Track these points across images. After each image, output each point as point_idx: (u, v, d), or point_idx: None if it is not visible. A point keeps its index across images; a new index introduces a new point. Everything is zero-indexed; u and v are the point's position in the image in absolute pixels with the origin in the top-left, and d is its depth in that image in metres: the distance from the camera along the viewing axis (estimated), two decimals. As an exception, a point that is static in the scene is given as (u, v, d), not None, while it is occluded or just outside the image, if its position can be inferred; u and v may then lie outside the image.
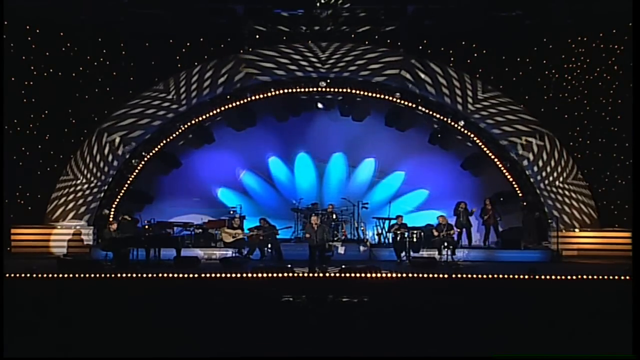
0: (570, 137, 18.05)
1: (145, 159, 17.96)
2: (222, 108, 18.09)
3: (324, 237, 14.52)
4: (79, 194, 17.63)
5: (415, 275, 13.69)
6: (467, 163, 18.65)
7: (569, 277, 13.27)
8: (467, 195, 18.12)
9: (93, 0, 16.17)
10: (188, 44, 17.99)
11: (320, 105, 18.65)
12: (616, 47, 17.52)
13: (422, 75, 17.95)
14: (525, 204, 17.92)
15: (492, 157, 18.01)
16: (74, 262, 14.89)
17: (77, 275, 13.27)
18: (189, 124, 18.08)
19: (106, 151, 17.72)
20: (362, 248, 16.66)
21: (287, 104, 18.32)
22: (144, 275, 13.47)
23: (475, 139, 18.05)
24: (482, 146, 18.04)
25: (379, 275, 13.50)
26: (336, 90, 18.12)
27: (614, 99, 17.70)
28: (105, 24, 17.14)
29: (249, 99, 18.03)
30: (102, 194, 17.74)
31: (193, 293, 12.22)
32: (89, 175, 17.67)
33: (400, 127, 18.51)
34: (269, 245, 16.26)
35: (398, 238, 15.87)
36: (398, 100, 17.97)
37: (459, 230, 16.68)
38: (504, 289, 12.98)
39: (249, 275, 13.50)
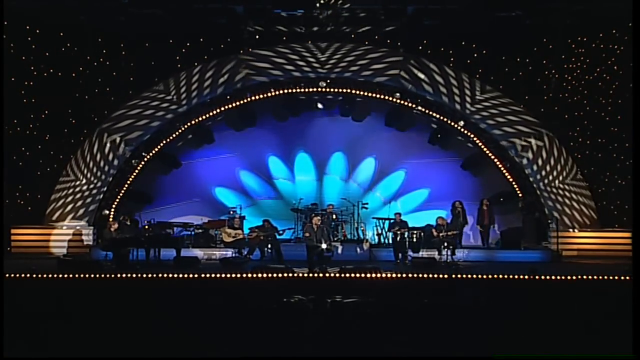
0: (570, 137, 18.06)
1: (145, 159, 17.97)
2: (222, 108, 18.10)
3: (323, 238, 14.51)
4: (79, 194, 17.63)
5: (415, 275, 13.69)
6: (467, 163, 18.66)
7: (569, 277, 13.26)
8: (467, 196, 18.13)
9: (93, 0, 16.17)
10: (188, 44, 18.00)
11: (320, 106, 18.65)
12: (616, 47, 17.53)
13: (422, 76, 17.95)
14: (523, 204, 17.91)
15: (492, 157, 18.03)
16: (74, 262, 14.88)
17: (77, 275, 13.26)
18: (188, 124, 18.09)
19: (106, 151, 17.72)
20: (361, 248, 16.62)
21: (287, 104, 18.32)
22: (144, 275, 13.47)
23: (475, 139, 18.06)
24: (482, 146, 18.06)
25: (379, 275, 13.50)
26: (336, 90, 18.13)
27: (614, 99, 17.71)
28: (105, 24, 17.14)
29: (249, 99, 18.04)
30: (102, 194, 17.75)
31: (193, 293, 12.22)
32: (89, 176, 17.67)
33: (400, 127, 18.51)
34: (269, 246, 16.25)
35: (398, 238, 15.86)
36: (398, 100, 17.98)
37: (456, 232, 16.59)
38: (504, 289, 12.97)
39: (249, 275, 13.50)
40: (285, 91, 18.05)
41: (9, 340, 8.20)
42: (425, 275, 13.67)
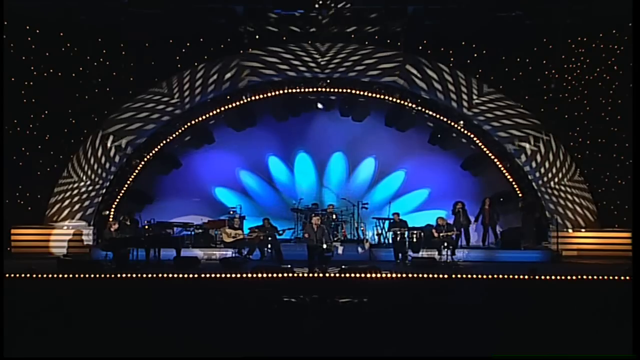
0: (570, 137, 18.06)
1: (145, 159, 17.97)
2: (222, 108, 18.10)
3: (323, 238, 14.51)
4: (79, 194, 17.63)
5: (415, 275, 13.69)
6: (467, 163, 18.65)
7: (569, 277, 13.27)
8: (467, 196, 18.13)
9: (93, 0, 16.17)
10: (188, 44, 17.99)
11: (320, 106, 18.64)
12: (616, 47, 17.53)
13: (422, 76, 17.95)
14: (523, 204, 17.91)
15: (492, 157, 18.03)
16: (74, 262, 14.88)
17: (77, 275, 13.28)
18: (189, 124, 18.08)
19: (106, 151, 17.71)
20: (361, 248, 16.63)
21: (287, 104, 18.32)
22: (144, 275, 13.48)
23: (475, 139, 18.06)
24: (482, 146, 18.05)
25: (379, 275, 13.50)
26: (336, 90, 18.12)
27: (614, 99, 17.70)
28: (105, 24, 17.13)
29: (249, 99, 18.05)
30: (102, 194, 17.74)
31: (193, 293, 12.22)
32: (89, 175, 17.67)
33: (400, 127, 18.50)
34: (269, 246, 16.25)
35: (398, 238, 15.86)
36: (398, 101, 17.98)
37: (457, 232, 16.57)
38: (504, 289, 12.98)
39: (249, 275, 13.50)
40: (285, 91, 18.05)
41: (9, 340, 8.19)
42: (425, 275, 13.67)
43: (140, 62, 17.85)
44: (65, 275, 13.28)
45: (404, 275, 13.65)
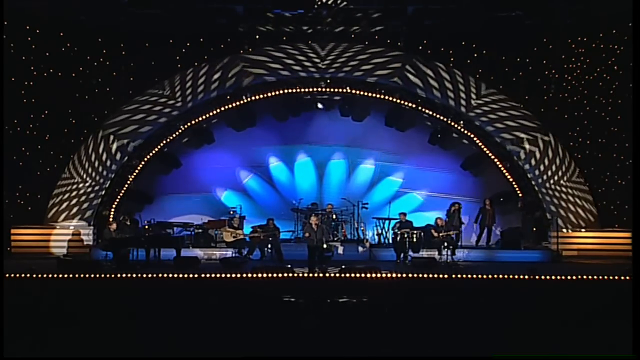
0: (570, 137, 18.06)
1: (145, 159, 17.97)
2: (222, 108, 18.10)
3: (323, 238, 14.52)
4: (79, 194, 17.62)
5: (415, 275, 13.69)
6: (467, 163, 18.66)
7: (569, 277, 13.27)
8: (467, 196, 18.14)
9: (93, 0, 16.18)
10: (188, 44, 17.99)
11: (320, 105, 18.65)
12: (616, 47, 17.51)
13: (422, 75, 17.94)
14: (521, 205, 17.90)
15: (492, 157, 18.03)
16: (74, 262, 14.87)
17: (77, 275, 13.27)
18: (189, 124, 18.08)
19: (106, 151, 17.71)
20: (361, 248, 16.64)
21: (287, 103, 18.32)
22: (144, 275, 13.48)
23: (475, 139, 18.06)
24: (482, 146, 18.06)
25: (379, 275, 13.50)
26: (336, 90, 18.13)
27: (614, 99, 17.69)
28: (105, 24, 17.14)
29: (249, 99, 18.05)
30: (102, 194, 17.75)
31: (193, 293, 12.22)
32: (89, 175, 17.66)
33: (400, 127, 18.51)
34: (269, 246, 16.25)
35: (398, 238, 15.86)
36: (398, 100, 17.99)
37: (457, 232, 16.56)
38: (504, 289, 12.98)
39: (249, 275, 13.50)
40: (285, 91, 18.04)
41: (9, 340, 8.19)
42: (425, 275, 13.67)
43: (140, 62, 17.84)
44: (65, 275, 13.27)
45: (404, 275, 13.65)
